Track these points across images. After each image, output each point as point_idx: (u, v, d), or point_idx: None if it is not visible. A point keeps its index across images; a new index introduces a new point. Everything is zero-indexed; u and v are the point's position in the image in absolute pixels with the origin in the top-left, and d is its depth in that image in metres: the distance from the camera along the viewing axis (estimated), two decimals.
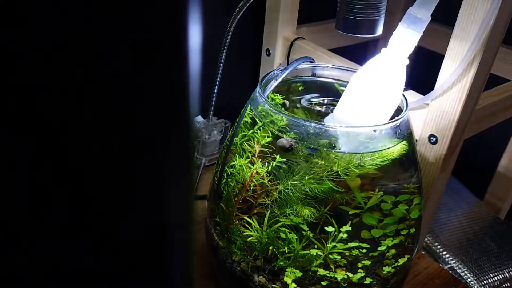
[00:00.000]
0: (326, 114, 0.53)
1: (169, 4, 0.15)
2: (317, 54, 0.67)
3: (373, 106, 0.46)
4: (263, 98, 0.45)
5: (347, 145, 0.44)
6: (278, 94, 0.52)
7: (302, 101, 0.54)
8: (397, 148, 0.44)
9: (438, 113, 0.54)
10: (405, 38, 0.45)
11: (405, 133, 0.45)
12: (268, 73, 0.49)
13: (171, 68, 0.17)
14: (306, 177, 0.42)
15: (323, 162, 0.42)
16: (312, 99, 0.55)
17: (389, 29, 0.90)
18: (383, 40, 0.97)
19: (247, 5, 0.59)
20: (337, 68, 0.54)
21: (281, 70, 0.49)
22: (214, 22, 0.68)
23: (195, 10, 0.16)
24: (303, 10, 0.73)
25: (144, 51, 0.16)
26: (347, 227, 0.43)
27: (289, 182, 0.43)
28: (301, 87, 0.55)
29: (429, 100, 0.54)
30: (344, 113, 0.48)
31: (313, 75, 0.54)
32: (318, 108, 0.54)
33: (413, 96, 0.57)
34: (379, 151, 0.43)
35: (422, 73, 0.79)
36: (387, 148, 0.44)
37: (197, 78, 0.18)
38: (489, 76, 0.54)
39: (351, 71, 0.53)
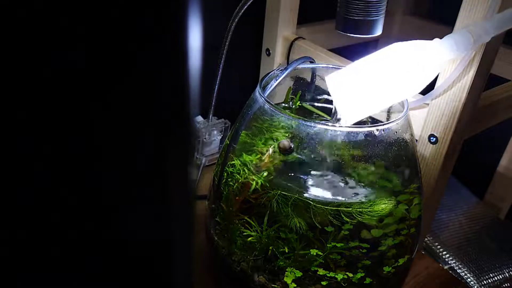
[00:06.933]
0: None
1: (169, 3, 0.15)
2: (317, 54, 0.67)
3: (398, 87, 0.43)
4: (263, 98, 0.45)
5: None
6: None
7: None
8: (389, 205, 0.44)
9: (438, 113, 0.54)
10: (442, 51, 0.45)
11: (405, 135, 0.45)
12: (268, 73, 0.49)
13: (171, 68, 0.17)
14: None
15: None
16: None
17: (389, 29, 0.90)
18: (383, 40, 0.97)
19: (247, 5, 0.59)
20: (337, 68, 0.53)
21: (281, 70, 0.49)
22: (214, 22, 0.68)
23: (195, 10, 0.16)
24: (303, 10, 0.73)
25: (145, 51, 0.16)
26: (348, 225, 0.43)
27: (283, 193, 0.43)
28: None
29: (429, 100, 0.54)
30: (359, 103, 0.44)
31: (313, 75, 0.54)
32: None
33: (413, 96, 0.57)
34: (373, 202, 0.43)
35: None
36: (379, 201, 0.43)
37: (197, 78, 0.18)
38: (489, 76, 0.54)
39: None
